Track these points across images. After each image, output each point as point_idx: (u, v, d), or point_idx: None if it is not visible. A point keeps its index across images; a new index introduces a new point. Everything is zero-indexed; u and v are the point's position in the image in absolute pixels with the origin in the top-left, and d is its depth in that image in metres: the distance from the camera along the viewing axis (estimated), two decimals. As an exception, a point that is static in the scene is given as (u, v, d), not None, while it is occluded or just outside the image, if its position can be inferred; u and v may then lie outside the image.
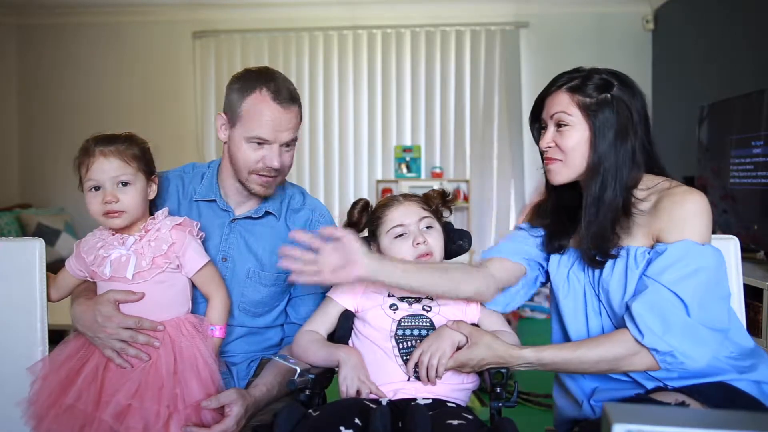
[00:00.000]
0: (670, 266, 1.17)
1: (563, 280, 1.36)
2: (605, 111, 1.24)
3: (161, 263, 1.30)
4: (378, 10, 5.12)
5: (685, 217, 1.19)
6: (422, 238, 1.35)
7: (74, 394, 1.23)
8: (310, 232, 1.27)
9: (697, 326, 1.14)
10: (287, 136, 1.40)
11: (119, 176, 1.29)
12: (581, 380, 1.35)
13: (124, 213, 1.30)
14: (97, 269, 1.31)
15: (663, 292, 1.16)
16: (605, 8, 4.92)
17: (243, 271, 1.47)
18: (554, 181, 1.31)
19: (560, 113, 1.26)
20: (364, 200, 1.46)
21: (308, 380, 1.26)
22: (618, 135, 1.24)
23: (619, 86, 1.25)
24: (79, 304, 1.34)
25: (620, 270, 1.25)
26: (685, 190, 1.23)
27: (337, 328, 1.40)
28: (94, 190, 1.29)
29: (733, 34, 3.71)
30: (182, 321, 1.32)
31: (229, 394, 1.26)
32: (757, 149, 2.79)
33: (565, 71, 1.31)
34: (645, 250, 1.23)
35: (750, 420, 0.64)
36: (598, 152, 1.24)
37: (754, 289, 2.38)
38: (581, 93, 1.25)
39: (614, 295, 1.25)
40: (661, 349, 1.14)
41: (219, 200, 1.49)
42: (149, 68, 5.27)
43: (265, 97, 1.38)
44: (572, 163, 1.27)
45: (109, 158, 1.28)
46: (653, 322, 1.15)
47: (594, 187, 1.25)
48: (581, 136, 1.26)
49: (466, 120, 5.14)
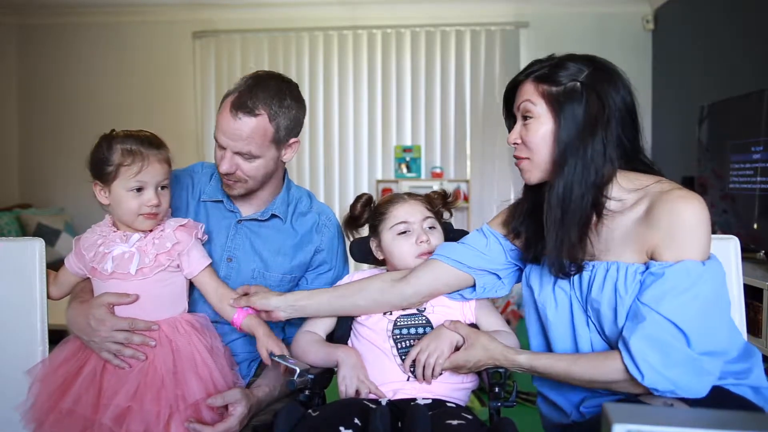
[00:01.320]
0: (668, 292, 1.06)
1: (549, 294, 1.23)
2: (572, 101, 1.11)
3: (164, 261, 1.31)
4: (378, 10, 5.12)
5: (684, 232, 1.07)
6: (425, 237, 1.35)
7: (72, 397, 1.23)
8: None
9: (697, 358, 1.05)
10: (242, 146, 1.36)
11: (163, 180, 1.32)
12: (569, 394, 1.27)
13: (158, 215, 1.32)
14: (97, 266, 1.31)
15: (662, 324, 1.06)
16: (605, 8, 4.92)
17: (248, 272, 1.48)
18: (528, 181, 1.21)
19: (524, 102, 1.16)
20: (367, 195, 1.46)
21: (308, 380, 1.26)
22: (586, 128, 1.11)
23: (591, 73, 1.13)
24: (73, 308, 1.34)
25: (610, 290, 1.13)
26: (680, 196, 1.10)
27: (336, 329, 1.40)
28: (136, 191, 1.29)
29: (732, 34, 3.71)
30: (178, 320, 1.33)
31: (233, 394, 1.26)
32: (756, 155, 2.79)
33: (538, 59, 1.19)
34: (637, 269, 1.12)
35: (750, 420, 0.64)
36: (561, 146, 1.12)
37: (754, 289, 2.38)
38: (548, 82, 1.14)
39: (605, 316, 1.15)
40: (661, 388, 1.06)
41: (226, 201, 1.50)
42: (149, 68, 5.26)
43: (226, 105, 1.38)
44: (540, 160, 1.16)
45: (162, 164, 1.32)
46: (653, 358, 1.05)
47: (558, 185, 1.12)
48: (546, 129, 1.14)
49: (466, 120, 5.14)
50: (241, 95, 1.36)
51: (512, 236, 1.31)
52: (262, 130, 1.37)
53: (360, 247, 1.51)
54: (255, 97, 1.36)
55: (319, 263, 1.54)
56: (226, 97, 1.40)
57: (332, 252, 1.55)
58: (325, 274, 1.54)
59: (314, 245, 1.52)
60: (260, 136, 1.37)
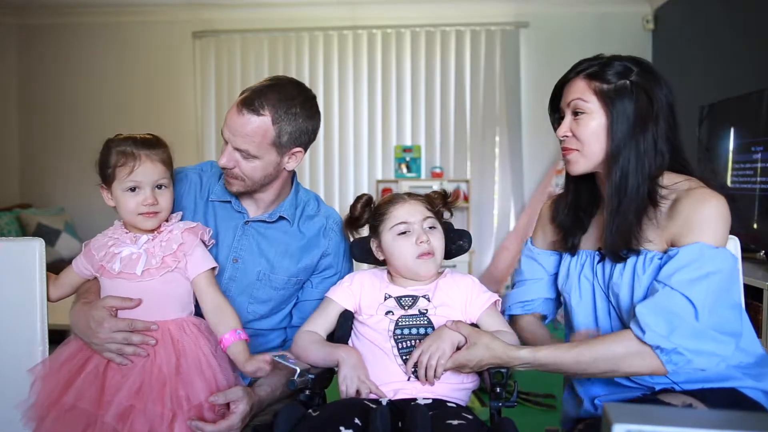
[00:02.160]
0: (680, 269, 1.12)
1: (574, 282, 1.33)
2: (623, 98, 1.20)
3: (170, 262, 1.31)
4: (378, 10, 5.12)
5: (701, 221, 1.14)
6: (425, 237, 1.35)
7: (74, 394, 1.23)
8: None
9: (706, 330, 1.10)
10: (240, 141, 1.37)
11: (159, 180, 1.33)
12: (590, 387, 1.33)
13: (159, 214, 1.33)
14: (106, 264, 1.32)
15: (672, 295, 1.11)
16: (605, 8, 4.92)
17: (253, 273, 1.48)
18: (572, 171, 1.27)
19: (576, 100, 1.23)
20: (367, 195, 1.46)
21: (308, 380, 1.26)
22: (637, 122, 1.20)
23: (639, 72, 1.21)
24: (77, 309, 1.35)
25: (629, 273, 1.22)
26: (704, 192, 1.17)
27: (337, 329, 1.40)
28: (131, 191, 1.31)
29: (733, 34, 3.71)
30: (185, 321, 1.33)
31: (235, 392, 1.26)
32: (756, 154, 2.79)
33: (585, 58, 1.27)
34: (655, 254, 1.19)
35: (750, 420, 0.63)
36: (616, 140, 1.20)
37: (754, 289, 2.38)
38: (599, 79, 1.22)
39: (623, 299, 1.23)
40: (665, 346, 1.10)
41: (234, 202, 1.50)
42: (149, 68, 5.26)
43: (239, 98, 1.39)
44: (589, 151, 1.23)
45: (155, 163, 1.32)
46: (657, 324, 1.11)
47: (615, 176, 1.21)
48: (598, 124, 1.22)
49: (466, 120, 5.14)
50: (252, 93, 1.38)
51: (556, 233, 1.40)
52: (262, 130, 1.37)
53: (360, 246, 1.51)
54: (264, 98, 1.37)
55: (325, 267, 1.54)
56: (241, 94, 1.41)
57: (338, 256, 1.55)
58: (330, 278, 1.54)
59: (321, 249, 1.52)
60: (260, 137, 1.37)
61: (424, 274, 1.37)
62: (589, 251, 1.33)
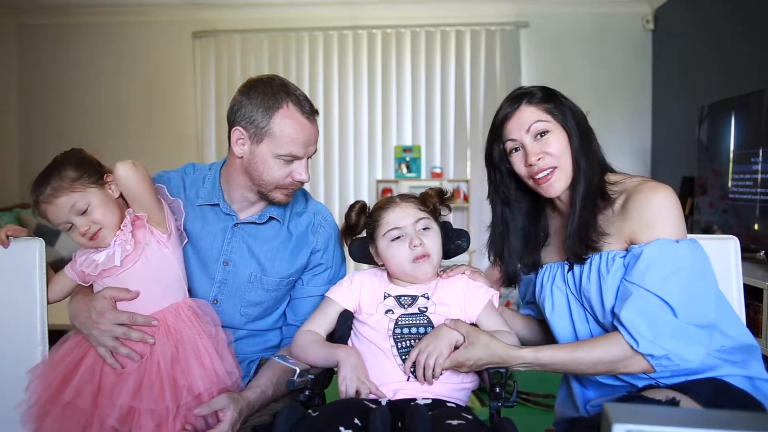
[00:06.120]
0: (649, 268, 1.17)
1: (547, 294, 1.36)
2: (565, 114, 1.29)
3: (141, 237, 1.31)
4: (378, 10, 5.12)
5: (655, 215, 1.20)
6: (419, 240, 1.34)
7: (72, 390, 1.24)
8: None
9: (685, 327, 1.15)
10: (314, 148, 1.42)
11: (74, 206, 1.29)
12: (586, 391, 1.36)
13: (101, 229, 1.31)
14: (86, 269, 1.32)
15: (648, 297, 1.16)
16: (605, 8, 4.91)
17: (245, 276, 1.47)
18: (554, 192, 1.29)
19: (537, 123, 1.28)
20: (361, 202, 1.45)
21: (308, 380, 1.26)
22: (583, 130, 1.30)
23: (557, 94, 1.32)
24: (76, 301, 1.36)
25: (595, 275, 1.26)
26: (650, 186, 1.23)
27: (337, 328, 1.40)
28: (66, 229, 1.31)
29: (733, 34, 3.71)
30: (181, 306, 1.33)
31: (220, 400, 1.26)
32: (757, 155, 2.79)
33: (508, 96, 1.35)
34: (617, 253, 1.23)
35: (750, 420, 0.64)
36: (576, 151, 1.28)
37: (754, 289, 2.38)
38: (544, 102, 1.29)
39: (594, 302, 1.26)
40: (656, 353, 1.15)
41: (222, 204, 1.48)
42: (149, 68, 5.26)
43: (293, 112, 1.37)
44: (565, 165, 1.28)
45: (54, 201, 1.28)
46: (643, 328, 1.15)
47: (579, 187, 1.27)
48: (565, 139, 1.28)
49: (466, 120, 5.14)
50: (298, 99, 1.39)
51: (511, 265, 1.43)
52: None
53: (360, 247, 1.51)
54: (304, 94, 1.41)
55: (315, 264, 1.53)
56: (275, 110, 1.36)
57: (329, 252, 1.54)
58: (321, 275, 1.54)
59: (310, 247, 1.51)
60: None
61: (421, 277, 1.37)
62: (557, 263, 1.37)
